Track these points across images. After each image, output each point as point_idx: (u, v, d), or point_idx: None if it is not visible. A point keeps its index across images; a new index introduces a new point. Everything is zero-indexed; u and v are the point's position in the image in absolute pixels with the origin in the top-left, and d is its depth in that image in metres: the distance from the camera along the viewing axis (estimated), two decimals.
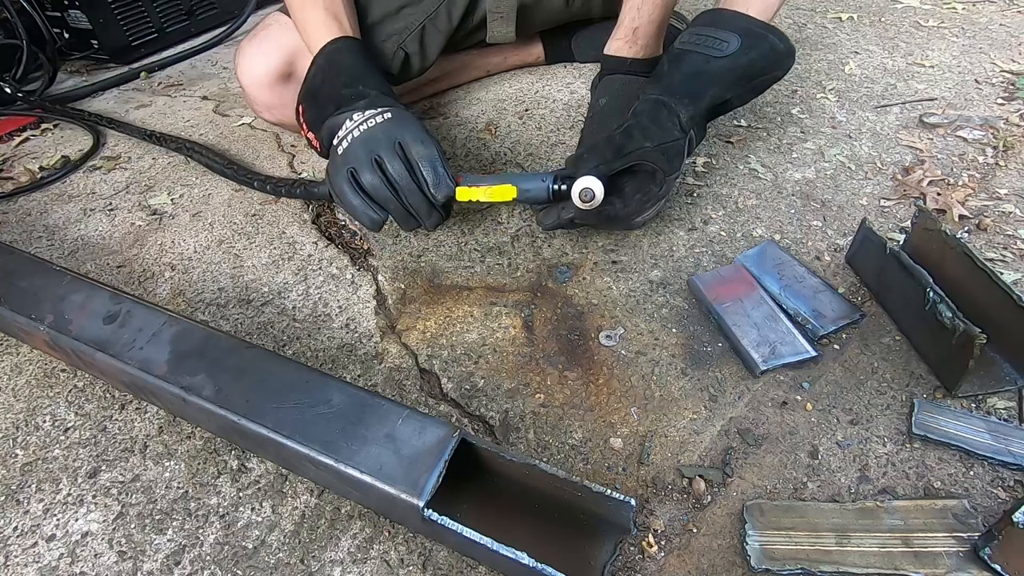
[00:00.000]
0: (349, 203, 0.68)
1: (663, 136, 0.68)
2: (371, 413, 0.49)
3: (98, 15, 1.32)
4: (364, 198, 0.67)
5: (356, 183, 0.67)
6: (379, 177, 0.66)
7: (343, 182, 0.67)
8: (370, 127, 0.67)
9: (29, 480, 0.57)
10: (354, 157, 0.66)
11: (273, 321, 0.71)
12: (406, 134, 0.67)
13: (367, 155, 0.66)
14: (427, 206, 0.69)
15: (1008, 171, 0.86)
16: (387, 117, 0.67)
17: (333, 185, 0.68)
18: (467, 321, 0.69)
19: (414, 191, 0.67)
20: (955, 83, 1.07)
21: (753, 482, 0.53)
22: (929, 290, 0.58)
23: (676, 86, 0.72)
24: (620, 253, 0.77)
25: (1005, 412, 0.56)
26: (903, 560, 0.46)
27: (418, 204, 0.68)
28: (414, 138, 0.67)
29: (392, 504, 0.46)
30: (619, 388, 0.61)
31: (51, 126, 1.16)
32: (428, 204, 0.68)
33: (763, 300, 0.67)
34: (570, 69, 1.20)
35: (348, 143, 0.67)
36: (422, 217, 0.70)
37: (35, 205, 0.94)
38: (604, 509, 0.46)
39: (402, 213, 0.69)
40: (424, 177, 0.67)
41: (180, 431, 0.60)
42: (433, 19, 0.94)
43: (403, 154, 0.67)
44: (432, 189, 0.67)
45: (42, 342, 0.62)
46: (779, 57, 0.75)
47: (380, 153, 0.66)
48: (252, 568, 0.49)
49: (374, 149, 0.66)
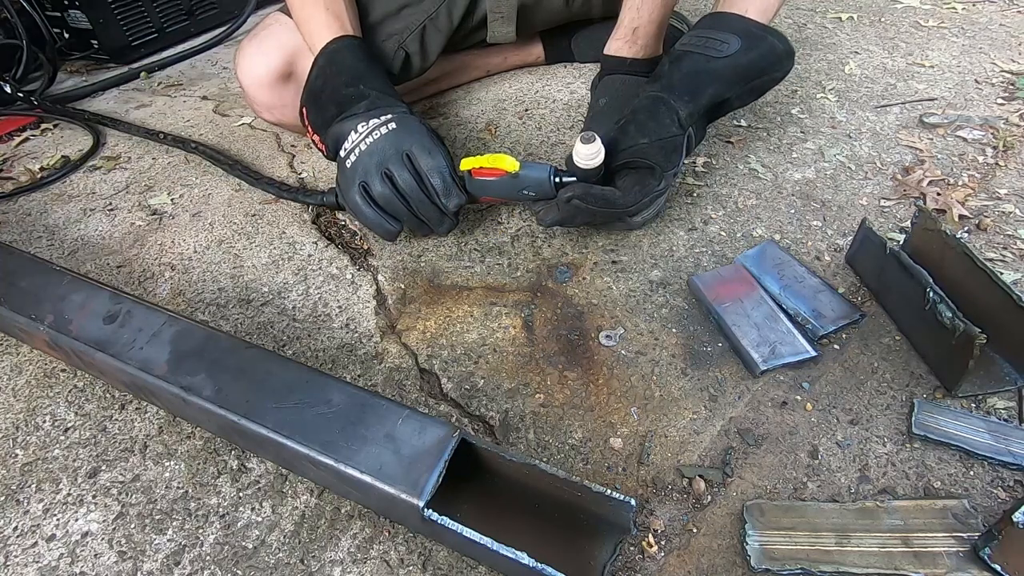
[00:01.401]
0: (364, 217, 0.70)
1: (660, 132, 0.69)
2: (371, 413, 0.49)
3: (98, 15, 1.32)
4: (377, 211, 0.69)
5: (368, 196, 0.69)
6: (390, 189, 0.68)
7: (356, 196, 0.69)
8: (376, 140, 0.68)
9: (29, 480, 0.57)
10: (364, 171, 0.68)
11: (273, 321, 0.71)
12: (413, 145, 0.68)
13: (376, 168, 0.68)
14: (438, 215, 0.71)
15: (1008, 171, 0.86)
16: (392, 128, 0.68)
17: (347, 200, 0.71)
18: (467, 321, 0.69)
19: (424, 202, 0.69)
20: (955, 83, 1.07)
21: (753, 482, 0.53)
22: (929, 290, 0.58)
23: (676, 84, 0.73)
24: (620, 253, 0.77)
25: (1005, 412, 0.56)
26: (903, 560, 0.46)
27: (429, 214, 0.70)
28: (421, 149, 0.68)
29: (392, 504, 0.46)
30: (619, 388, 0.61)
31: (51, 126, 1.16)
32: (439, 213, 0.71)
33: (763, 300, 0.67)
34: (570, 69, 1.20)
35: (356, 156, 0.69)
36: (434, 225, 0.72)
37: (35, 205, 0.94)
38: (604, 509, 0.46)
39: (415, 222, 0.71)
40: (433, 187, 0.68)
41: (180, 431, 0.60)
42: (434, 19, 0.94)
43: (411, 165, 0.68)
44: (442, 198, 0.69)
45: (42, 342, 0.61)
46: (779, 58, 0.76)
47: (389, 166, 0.67)
48: (252, 568, 0.49)
49: (382, 162, 0.68)
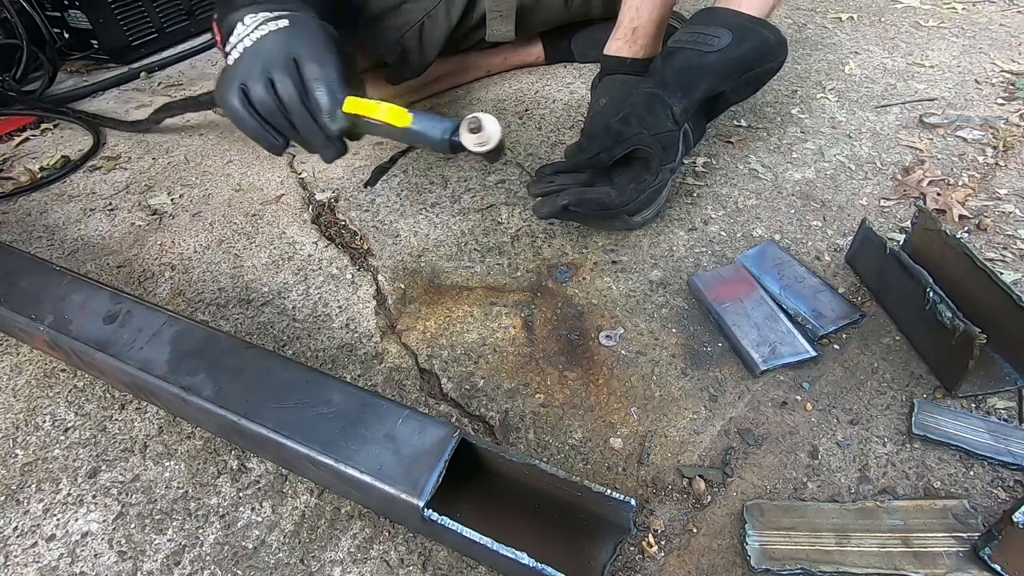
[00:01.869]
0: (243, 124, 0.59)
1: (657, 127, 0.69)
2: (371, 413, 0.49)
3: (98, 15, 1.32)
4: (259, 119, 0.59)
5: (248, 101, 0.58)
6: (272, 98, 0.58)
7: (235, 99, 0.58)
8: (263, 36, 0.58)
9: (29, 480, 0.57)
10: (245, 71, 0.58)
11: (273, 321, 0.71)
12: (301, 49, 0.58)
13: (261, 72, 0.57)
14: (321, 137, 0.59)
15: (1008, 171, 0.86)
16: (281, 26, 0.58)
17: (224, 104, 0.59)
18: (467, 321, 0.69)
19: (305, 118, 0.58)
20: (955, 83, 1.07)
21: (753, 482, 0.53)
22: (929, 290, 0.58)
23: (669, 80, 0.73)
24: (620, 253, 0.77)
25: (1005, 412, 0.56)
26: (903, 560, 0.46)
27: (310, 134, 0.59)
28: (310, 55, 0.58)
29: (392, 504, 0.46)
30: (619, 388, 0.61)
31: (51, 126, 1.16)
32: (322, 135, 0.59)
33: (763, 300, 0.67)
34: (570, 69, 1.20)
35: (239, 53, 0.59)
36: (317, 148, 0.61)
37: (35, 205, 0.94)
38: (604, 509, 0.46)
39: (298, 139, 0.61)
40: (317, 103, 0.58)
41: (180, 431, 0.60)
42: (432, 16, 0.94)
43: (297, 73, 0.58)
44: (326, 118, 0.58)
45: (42, 342, 0.61)
46: (771, 49, 0.76)
47: (271, 71, 0.57)
48: (252, 568, 0.49)
49: (267, 66, 0.57)
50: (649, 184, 0.70)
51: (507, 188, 0.89)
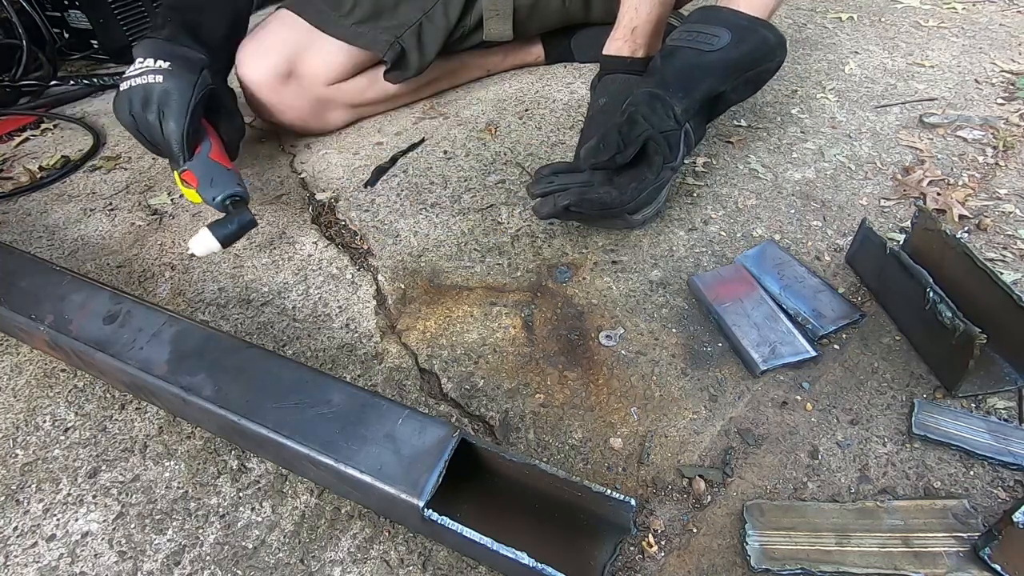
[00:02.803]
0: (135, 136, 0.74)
1: (661, 125, 0.70)
2: (371, 413, 0.49)
3: (98, 15, 1.32)
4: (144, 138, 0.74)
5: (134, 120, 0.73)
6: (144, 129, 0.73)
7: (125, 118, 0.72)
8: (143, 83, 0.71)
9: (29, 480, 0.57)
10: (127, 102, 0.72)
11: (273, 321, 0.71)
12: (166, 106, 0.71)
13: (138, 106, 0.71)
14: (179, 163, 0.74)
15: (1008, 171, 0.86)
16: (158, 81, 0.71)
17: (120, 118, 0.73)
18: (467, 321, 0.69)
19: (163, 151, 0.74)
20: (955, 83, 1.07)
21: (753, 482, 0.53)
22: (929, 290, 0.58)
23: (669, 79, 0.73)
24: (620, 253, 0.77)
25: (1005, 412, 0.56)
26: (903, 560, 0.46)
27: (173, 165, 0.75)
28: (170, 112, 0.71)
29: (392, 504, 0.46)
30: (619, 388, 0.61)
31: (51, 126, 1.16)
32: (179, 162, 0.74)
33: (763, 300, 0.67)
34: (570, 69, 1.20)
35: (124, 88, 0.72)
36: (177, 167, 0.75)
37: (35, 205, 0.93)
38: (604, 509, 0.46)
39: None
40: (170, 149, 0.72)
41: (180, 431, 0.60)
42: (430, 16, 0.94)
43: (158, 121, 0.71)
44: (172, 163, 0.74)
45: (42, 342, 0.61)
46: (771, 49, 0.76)
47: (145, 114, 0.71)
48: (252, 568, 0.49)
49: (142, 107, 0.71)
50: (650, 183, 0.70)
51: (507, 188, 0.89)
